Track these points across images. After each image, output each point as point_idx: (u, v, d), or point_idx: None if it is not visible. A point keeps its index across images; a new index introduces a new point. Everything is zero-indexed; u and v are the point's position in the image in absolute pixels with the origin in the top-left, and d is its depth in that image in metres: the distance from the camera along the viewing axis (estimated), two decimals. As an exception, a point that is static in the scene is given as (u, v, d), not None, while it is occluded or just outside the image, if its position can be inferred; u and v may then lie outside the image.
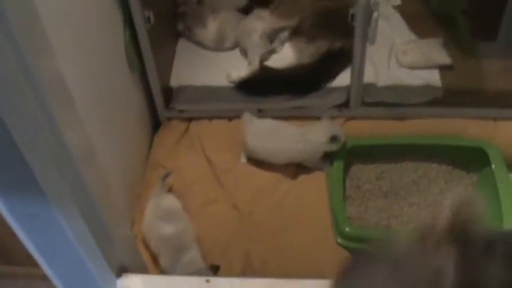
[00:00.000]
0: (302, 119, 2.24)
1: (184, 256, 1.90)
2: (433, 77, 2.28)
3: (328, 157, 2.15)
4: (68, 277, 1.51)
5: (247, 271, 1.92)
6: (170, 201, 2.01)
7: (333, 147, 2.11)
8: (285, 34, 2.38)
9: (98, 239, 1.48)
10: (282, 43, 2.39)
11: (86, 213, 1.41)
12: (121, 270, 1.62)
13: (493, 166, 2.07)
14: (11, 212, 1.36)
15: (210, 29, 2.41)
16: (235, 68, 2.36)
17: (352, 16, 1.93)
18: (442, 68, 2.30)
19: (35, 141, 1.17)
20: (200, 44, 2.46)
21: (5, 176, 1.25)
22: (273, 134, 2.14)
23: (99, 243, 1.48)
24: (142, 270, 1.71)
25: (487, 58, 2.38)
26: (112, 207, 1.57)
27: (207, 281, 1.47)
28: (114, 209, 1.63)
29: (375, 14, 1.87)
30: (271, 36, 2.37)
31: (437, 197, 2.14)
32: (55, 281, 1.49)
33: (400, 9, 2.54)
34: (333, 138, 2.09)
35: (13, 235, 1.87)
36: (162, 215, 1.95)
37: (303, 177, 2.14)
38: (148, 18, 1.94)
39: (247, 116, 2.16)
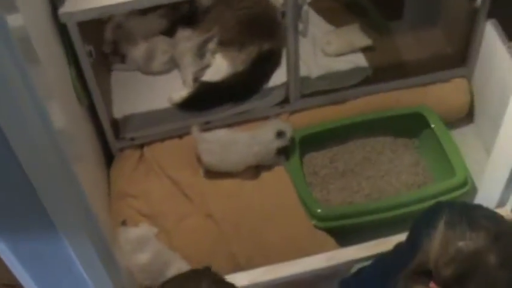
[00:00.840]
0: (249, 122, 2.35)
1: (170, 271, 1.95)
2: (359, 59, 2.46)
3: (283, 152, 2.26)
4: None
5: (237, 271, 1.98)
6: (135, 231, 2.04)
7: (283, 142, 2.22)
8: (212, 45, 2.46)
9: (108, 268, 1.50)
10: (213, 54, 2.48)
11: (96, 243, 1.43)
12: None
13: (433, 126, 2.26)
14: (15, 254, 1.37)
15: (140, 48, 2.46)
16: (171, 88, 2.43)
17: (283, 14, 2.05)
18: (365, 50, 2.49)
19: (46, 173, 1.20)
20: (131, 65, 2.50)
21: (11, 213, 1.27)
22: (226, 145, 2.21)
23: (109, 272, 1.51)
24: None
25: (400, 34, 2.58)
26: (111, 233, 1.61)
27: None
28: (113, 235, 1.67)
29: (305, 8, 2.01)
30: (201, 52, 2.45)
31: (389, 166, 2.30)
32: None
33: (312, 5, 2.70)
34: (279, 134, 2.20)
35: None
36: (133, 247, 1.99)
37: (265, 175, 2.24)
38: (90, 53, 1.98)
39: (197, 134, 2.23)
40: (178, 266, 1.96)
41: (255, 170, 2.25)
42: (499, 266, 1.03)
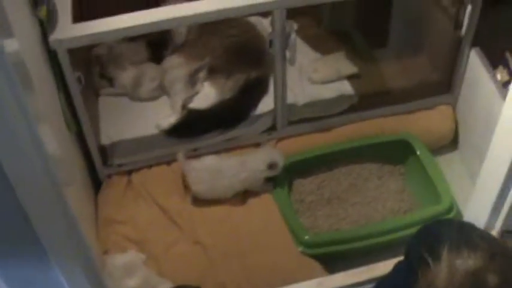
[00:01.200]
0: (237, 149, 2.36)
1: None
2: (345, 87, 2.50)
3: (271, 179, 2.27)
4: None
5: (226, 299, 1.99)
6: (123, 258, 2.04)
7: (273, 173, 2.24)
8: (202, 74, 2.49)
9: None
10: (202, 82, 2.50)
11: (87, 270, 1.43)
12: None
13: (418, 152, 2.29)
14: (6, 281, 1.36)
15: (128, 74, 2.48)
16: (159, 115, 2.44)
17: (270, 42, 2.08)
18: (351, 78, 2.52)
19: (38, 198, 1.21)
20: (119, 89, 2.51)
21: (4, 240, 1.26)
22: (215, 172, 2.22)
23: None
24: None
25: (385, 61, 2.63)
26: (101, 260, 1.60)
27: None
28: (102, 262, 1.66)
29: (293, 36, 2.03)
30: (192, 80, 2.47)
31: (375, 193, 2.32)
32: None
33: (298, 33, 2.73)
34: (271, 166, 2.22)
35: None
36: (121, 274, 1.99)
37: (252, 202, 2.25)
38: (79, 79, 1.99)
39: (184, 162, 2.24)
40: None
41: (242, 196, 2.26)
42: (499, 285, 1.04)
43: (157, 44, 2.61)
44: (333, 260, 2.10)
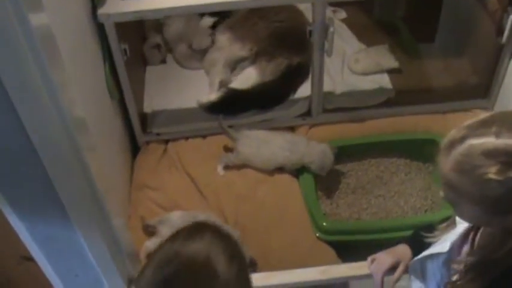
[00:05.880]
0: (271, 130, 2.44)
1: None
2: (384, 80, 2.53)
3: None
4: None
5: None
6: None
7: (312, 167, 2.30)
8: (244, 64, 2.58)
9: (114, 255, 1.62)
10: (242, 69, 2.59)
11: (104, 232, 1.55)
12: (130, 282, 1.76)
13: (446, 154, 2.31)
14: (31, 234, 1.50)
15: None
16: (202, 89, 2.54)
17: (310, 32, 2.13)
18: (391, 72, 2.56)
19: (62, 164, 1.32)
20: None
21: (29, 197, 1.39)
22: (263, 143, 2.33)
23: (115, 259, 1.62)
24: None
25: (428, 58, 2.65)
26: (122, 222, 1.72)
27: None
28: (123, 224, 1.79)
29: (331, 29, 2.08)
30: (232, 65, 2.57)
31: (400, 188, 2.37)
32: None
33: (347, 21, 2.78)
34: (323, 168, 2.29)
35: (17, 269, 1.96)
36: None
37: (278, 181, 2.33)
38: (125, 51, 2.10)
39: (232, 129, 2.36)
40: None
41: (269, 174, 2.35)
42: None
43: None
44: (348, 249, 2.15)
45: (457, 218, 1.35)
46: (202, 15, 2.66)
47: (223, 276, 1.04)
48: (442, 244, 1.37)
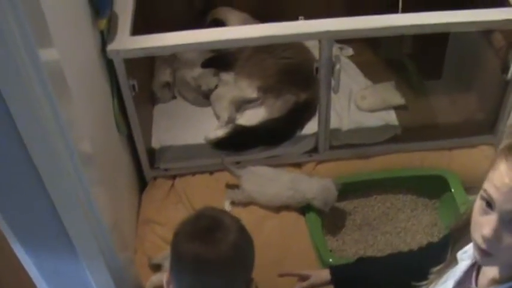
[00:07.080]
0: (277, 167, 2.45)
1: None
2: (390, 117, 2.55)
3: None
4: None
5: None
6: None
7: (317, 205, 2.29)
8: (250, 105, 2.62)
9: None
10: (250, 108, 2.63)
11: (110, 266, 1.55)
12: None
13: (453, 190, 2.31)
14: (39, 269, 1.50)
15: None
16: (210, 125, 2.57)
17: (317, 69, 2.16)
18: (397, 108, 2.58)
19: (70, 199, 1.34)
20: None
21: (36, 232, 1.41)
22: (267, 180, 2.34)
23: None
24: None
25: (434, 95, 2.67)
26: (127, 256, 1.73)
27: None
28: (129, 258, 1.79)
29: (337, 66, 2.11)
30: (238, 105, 2.61)
31: (406, 224, 2.37)
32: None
33: (353, 58, 2.81)
34: (326, 204, 2.28)
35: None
36: None
37: (284, 218, 2.33)
38: (133, 87, 2.13)
39: (237, 167, 2.38)
40: None
41: (276, 210, 2.35)
42: None
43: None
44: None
45: (458, 255, 1.34)
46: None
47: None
48: (444, 284, 1.36)
